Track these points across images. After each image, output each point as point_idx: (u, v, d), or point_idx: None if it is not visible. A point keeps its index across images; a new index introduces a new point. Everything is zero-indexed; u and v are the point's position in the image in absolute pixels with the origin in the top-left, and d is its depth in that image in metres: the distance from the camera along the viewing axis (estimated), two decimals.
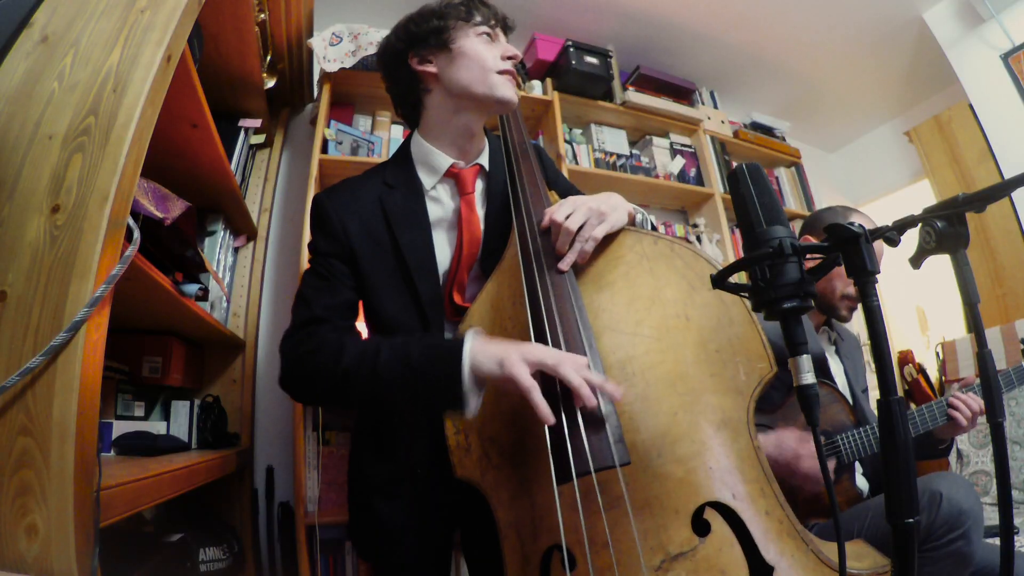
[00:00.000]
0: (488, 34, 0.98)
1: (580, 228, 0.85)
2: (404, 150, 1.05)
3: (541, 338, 0.77)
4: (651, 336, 0.78)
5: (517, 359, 0.71)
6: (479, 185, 1.02)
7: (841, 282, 1.32)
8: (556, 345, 0.76)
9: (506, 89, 0.95)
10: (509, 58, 0.97)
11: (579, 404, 0.69)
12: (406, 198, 0.98)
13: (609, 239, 0.88)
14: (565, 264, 0.84)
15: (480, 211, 1.01)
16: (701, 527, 0.67)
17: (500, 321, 0.87)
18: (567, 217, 0.85)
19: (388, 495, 0.94)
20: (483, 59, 0.95)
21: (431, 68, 0.97)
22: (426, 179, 1.00)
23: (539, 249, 0.86)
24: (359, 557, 1.67)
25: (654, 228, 0.97)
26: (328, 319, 0.90)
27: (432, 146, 1.00)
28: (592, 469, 0.68)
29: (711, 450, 0.72)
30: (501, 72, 0.95)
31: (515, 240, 0.91)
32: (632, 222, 0.94)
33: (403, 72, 1.00)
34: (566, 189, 1.16)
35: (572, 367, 0.70)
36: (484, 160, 1.03)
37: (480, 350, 0.74)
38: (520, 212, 0.92)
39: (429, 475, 0.91)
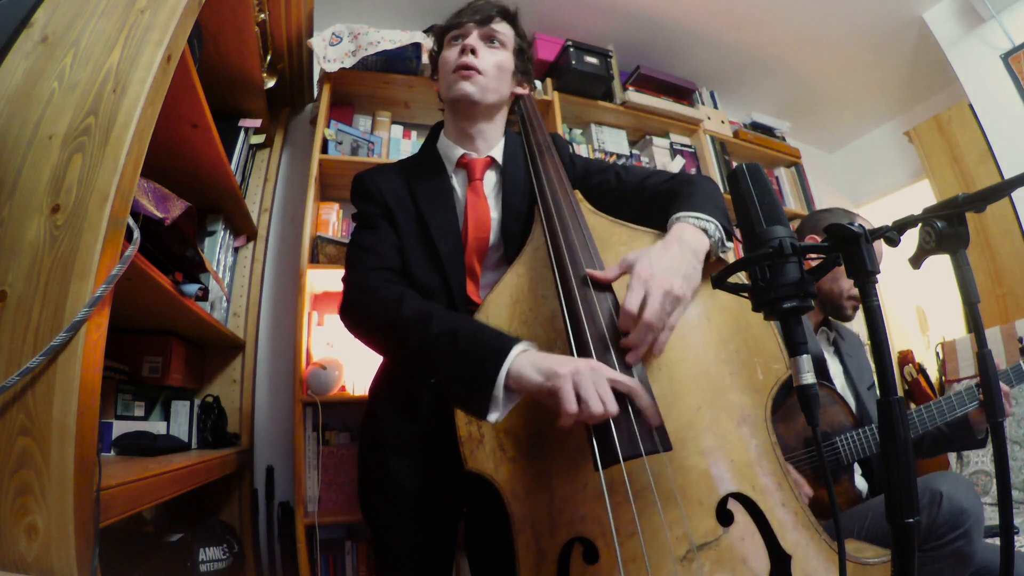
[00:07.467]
0: (458, 35, 1.04)
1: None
2: (431, 143, 1.13)
3: (577, 327, 0.76)
4: (675, 334, 0.80)
5: (567, 374, 0.68)
6: (491, 176, 1.08)
7: (848, 283, 1.31)
8: (596, 339, 0.75)
9: (455, 88, 1.02)
10: (461, 51, 1.02)
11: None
12: (429, 177, 1.07)
13: (634, 246, 0.87)
14: (634, 357, 0.75)
15: (490, 200, 1.05)
16: (725, 517, 0.69)
17: (520, 313, 0.88)
18: (642, 306, 0.75)
19: (403, 453, 0.94)
20: (445, 65, 1.04)
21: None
22: (446, 167, 1.09)
23: (571, 243, 0.85)
24: (364, 522, 1.62)
25: (730, 235, 0.89)
26: (381, 262, 0.96)
27: (449, 140, 1.10)
28: (643, 452, 0.67)
29: (732, 444, 0.73)
30: (455, 71, 1.01)
31: (541, 234, 0.91)
32: (711, 256, 0.85)
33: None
34: (584, 168, 1.12)
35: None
36: (497, 154, 1.09)
37: (529, 361, 0.71)
38: (549, 210, 0.91)
39: (446, 437, 0.88)
